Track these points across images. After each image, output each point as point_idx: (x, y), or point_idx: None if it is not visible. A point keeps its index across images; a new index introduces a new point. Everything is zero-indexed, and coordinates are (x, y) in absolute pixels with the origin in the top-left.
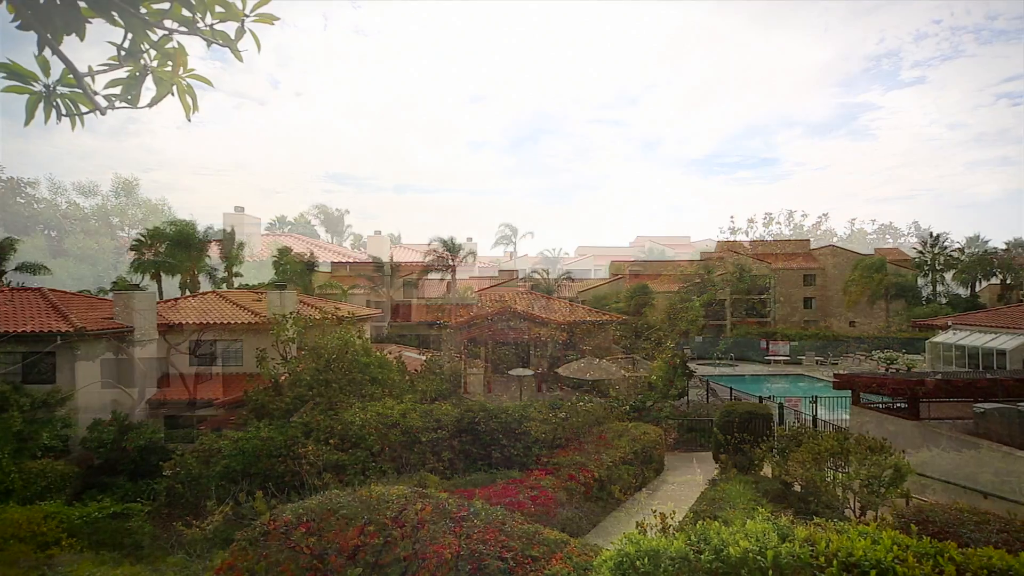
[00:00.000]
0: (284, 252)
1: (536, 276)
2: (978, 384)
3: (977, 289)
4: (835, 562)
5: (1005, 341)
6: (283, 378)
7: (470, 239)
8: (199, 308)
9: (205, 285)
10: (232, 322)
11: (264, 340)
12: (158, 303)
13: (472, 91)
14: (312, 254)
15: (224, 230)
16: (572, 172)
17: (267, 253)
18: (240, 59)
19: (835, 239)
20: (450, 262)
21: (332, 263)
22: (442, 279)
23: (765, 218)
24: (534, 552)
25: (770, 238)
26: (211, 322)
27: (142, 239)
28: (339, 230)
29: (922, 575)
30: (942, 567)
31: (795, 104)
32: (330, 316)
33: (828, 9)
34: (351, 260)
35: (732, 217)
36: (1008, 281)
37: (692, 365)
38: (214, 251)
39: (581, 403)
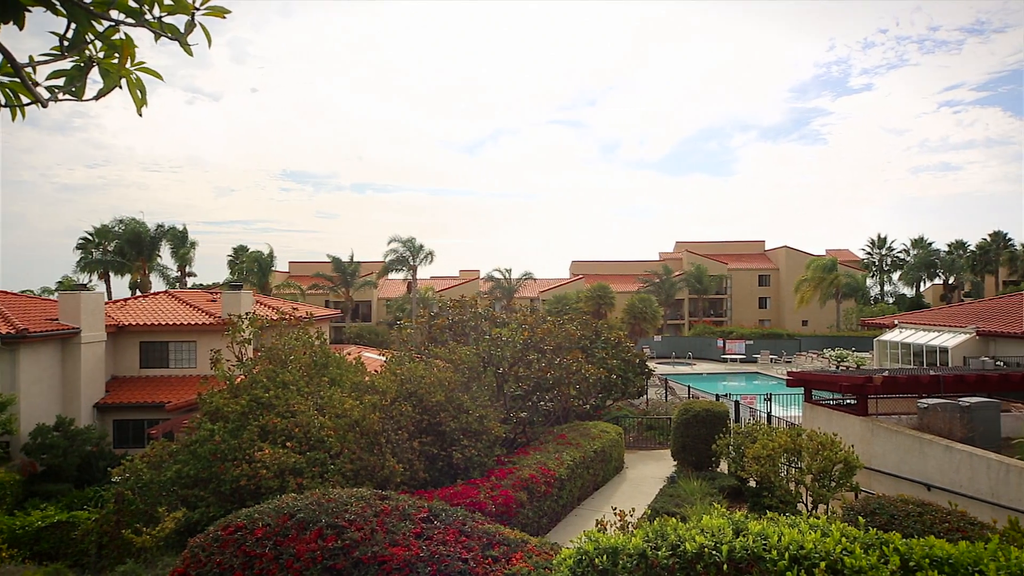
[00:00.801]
0: (241, 251)
1: (498, 276)
2: (921, 380)
3: (921, 289)
4: (787, 555)
5: (947, 339)
6: (239, 380)
7: (423, 245)
8: (150, 309)
9: (158, 285)
10: (185, 323)
11: (219, 341)
12: (107, 304)
13: (432, 89)
14: (271, 252)
15: (175, 228)
16: (531, 172)
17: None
18: (190, 53)
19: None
20: (411, 262)
21: (290, 262)
22: (404, 280)
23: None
24: (494, 552)
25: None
26: (163, 323)
27: (89, 237)
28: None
29: (868, 565)
30: (887, 557)
31: (750, 108)
32: (288, 316)
33: (780, 16)
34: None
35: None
36: (950, 281)
37: (651, 364)
38: (166, 250)
39: (542, 403)
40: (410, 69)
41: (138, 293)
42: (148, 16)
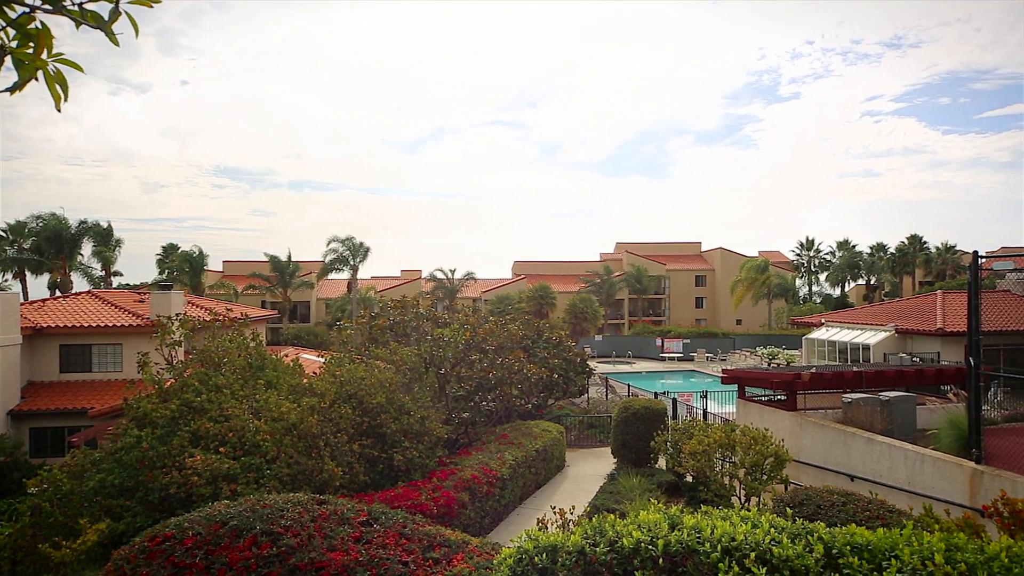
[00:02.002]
0: (171, 250)
1: (440, 276)
2: (845, 376)
3: (846, 289)
4: (719, 547)
5: (869, 337)
6: (169, 384)
7: (364, 245)
8: (71, 310)
9: (81, 285)
10: (110, 325)
11: (147, 344)
12: (22, 304)
13: (372, 87)
14: (202, 251)
15: (99, 224)
16: (473, 172)
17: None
18: (116, 43)
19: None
20: (351, 261)
21: (224, 262)
22: (341, 279)
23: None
24: (435, 554)
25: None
26: (85, 325)
27: (2, 234)
28: None
29: (795, 554)
30: (812, 546)
31: (685, 113)
32: (221, 317)
33: (713, 24)
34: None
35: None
36: (872, 282)
37: (592, 363)
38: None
39: (484, 403)
40: (349, 65)
41: (58, 293)
42: (68, 3)
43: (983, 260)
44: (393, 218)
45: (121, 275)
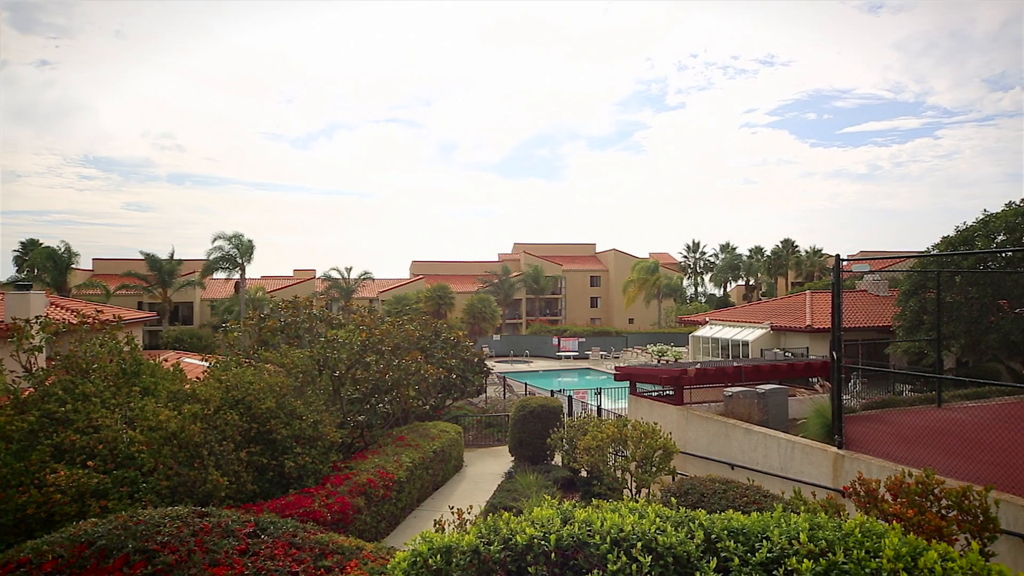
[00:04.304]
0: (30, 246)
1: (335, 275)
2: (727, 371)
3: (728, 289)
4: (608, 538)
5: (748, 333)
6: (26, 393)
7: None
8: None
9: None
10: None
11: (1, 349)
12: None
13: (260, 76)
14: (68, 248)
15: None
16: (369, 170)
17: None
18: None
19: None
20: (238, 260)
21: (95, 260)
22: (228, 279)
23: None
24: (327, 562)
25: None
26: None
27: None
28: None
29: (678, 541)
30: (693, 532)
31: (578, 118)
32: (90, 320)
33: (605, 31)
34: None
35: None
36: (751, 282)
37: (490, 363)
38: None
39: (381, 405)
40: (234, 52)
41: None
42: None
43: (844, 263)
44: (285, 216)
45: None
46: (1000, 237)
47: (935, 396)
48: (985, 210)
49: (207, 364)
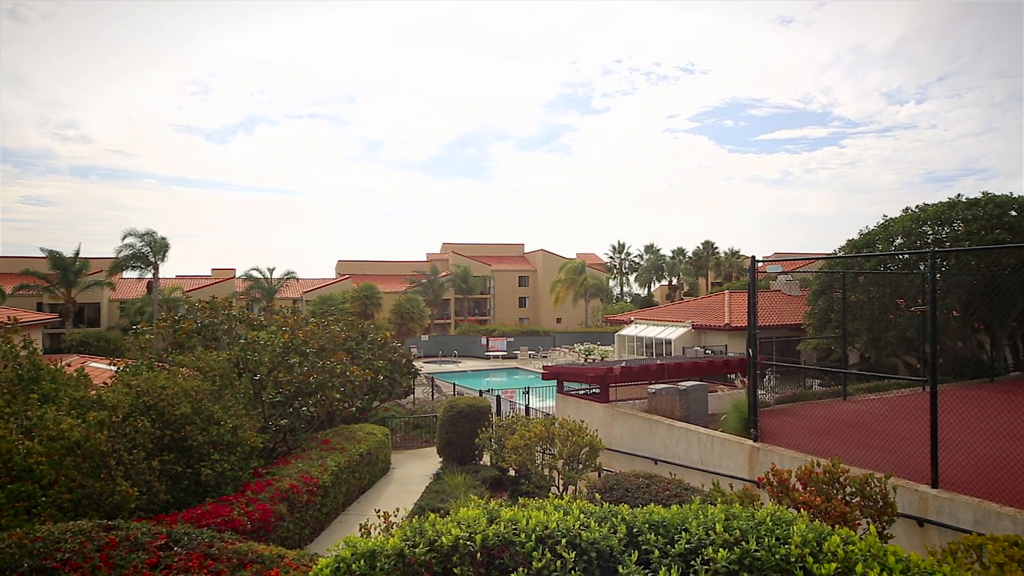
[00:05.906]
0: None
1: (257, 275)
2: (650, 369)
3: (652, 289)
4: (533, 536)
5: (670, 332)
6: None
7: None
8: None
9: None
10: None
11: None
12: None
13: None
14: None
15: None
16: (292, 167)
17: None
18: None
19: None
20: (151, 258)
21: None
22: (140, 278)
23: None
24: (246, 572)
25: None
26: None
27: None
28: None
29: (601, 536)
30: (616, 527)
31: (505, 118)
32: None
33: (534, 33)
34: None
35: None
36: (673, 282)
37: (418, 363)
38: None
39: (305, 408)
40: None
41: None
42: None
43: (759, 264)
44: (203, 213)
45: None
46: (898, 240)
47: (841, 390)
48: (885, 215)
49: (116, 369)
